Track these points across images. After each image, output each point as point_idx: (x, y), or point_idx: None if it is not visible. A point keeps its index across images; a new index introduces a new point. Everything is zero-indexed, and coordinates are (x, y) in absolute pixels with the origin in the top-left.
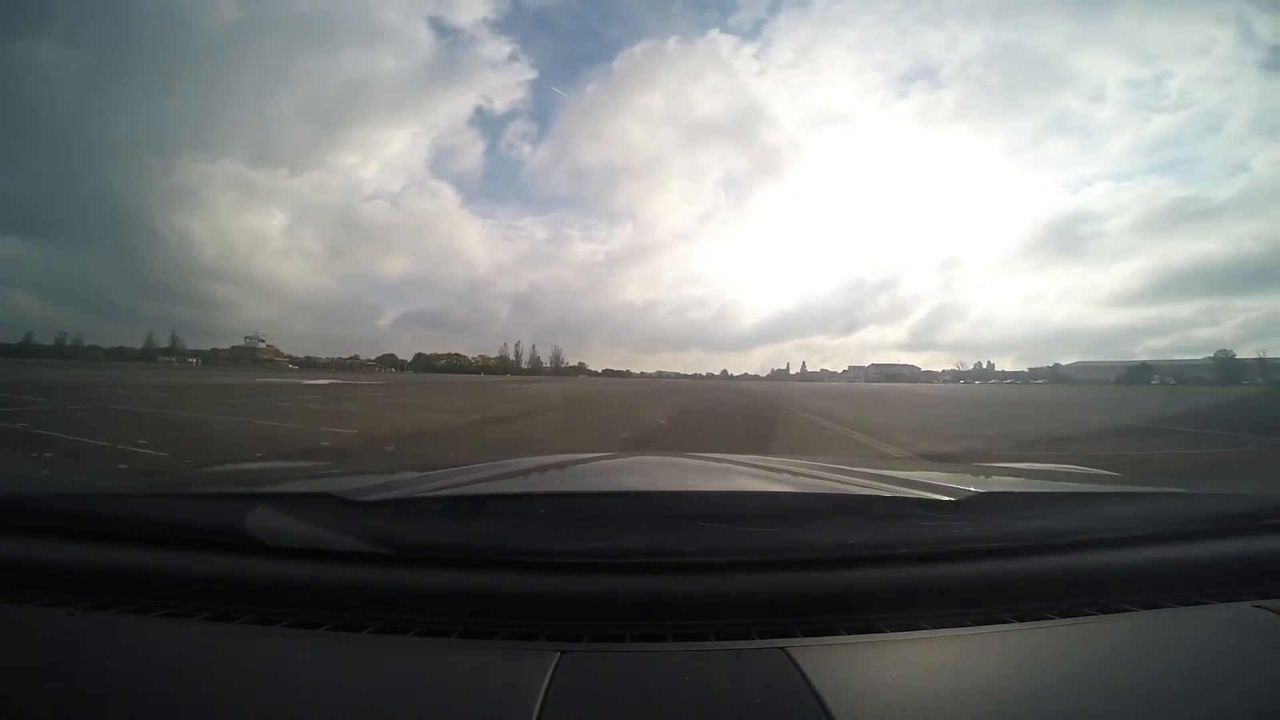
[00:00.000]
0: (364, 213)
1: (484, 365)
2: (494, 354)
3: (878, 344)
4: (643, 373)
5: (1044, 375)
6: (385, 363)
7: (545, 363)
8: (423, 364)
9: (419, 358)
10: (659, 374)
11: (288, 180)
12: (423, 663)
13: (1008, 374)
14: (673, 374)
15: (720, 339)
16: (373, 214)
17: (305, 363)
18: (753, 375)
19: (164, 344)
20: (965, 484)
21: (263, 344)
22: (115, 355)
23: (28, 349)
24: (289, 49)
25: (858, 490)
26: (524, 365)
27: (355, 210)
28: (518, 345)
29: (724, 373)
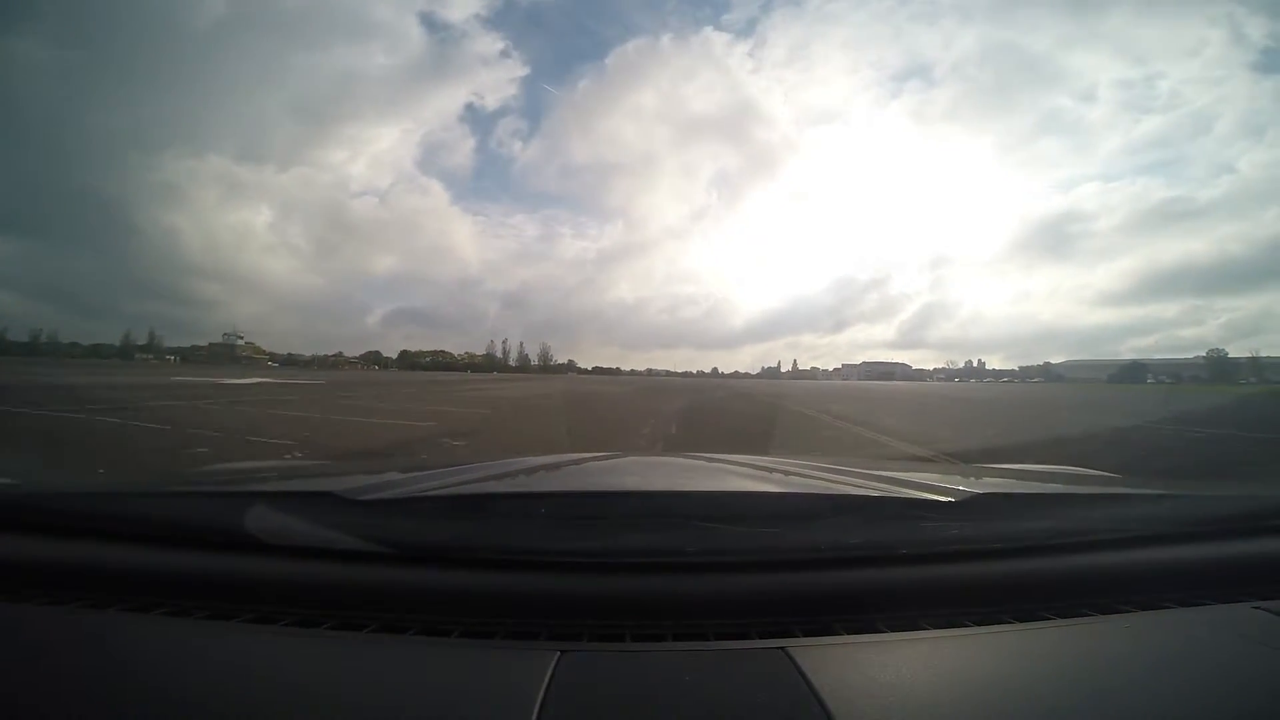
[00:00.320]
0: (352, 209)
1: (470, 363)
2: (482, 352)
3: (866, 342)
4: (633, 370)
5: (1036, 374)
6: (369, 360)
7: (534, 360)
8: (407, 361)
9: (404, 355)
10: (649, 372)
11: (275, 176)
12: (423, 662)
13: (1001, 372)
14: (663, 372)
15: (711, 336)
16: (361, 210)
17: (286, 360)
18: (743, 373)
19: (142, 341)
20: (965, 484)
21: (240, 341)
22: (92, 353)
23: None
24: (277, 43)
25: (858, 490)
26: (511, 363)
27: (343, 207)
28: (505, 343)
29: (714, 370)
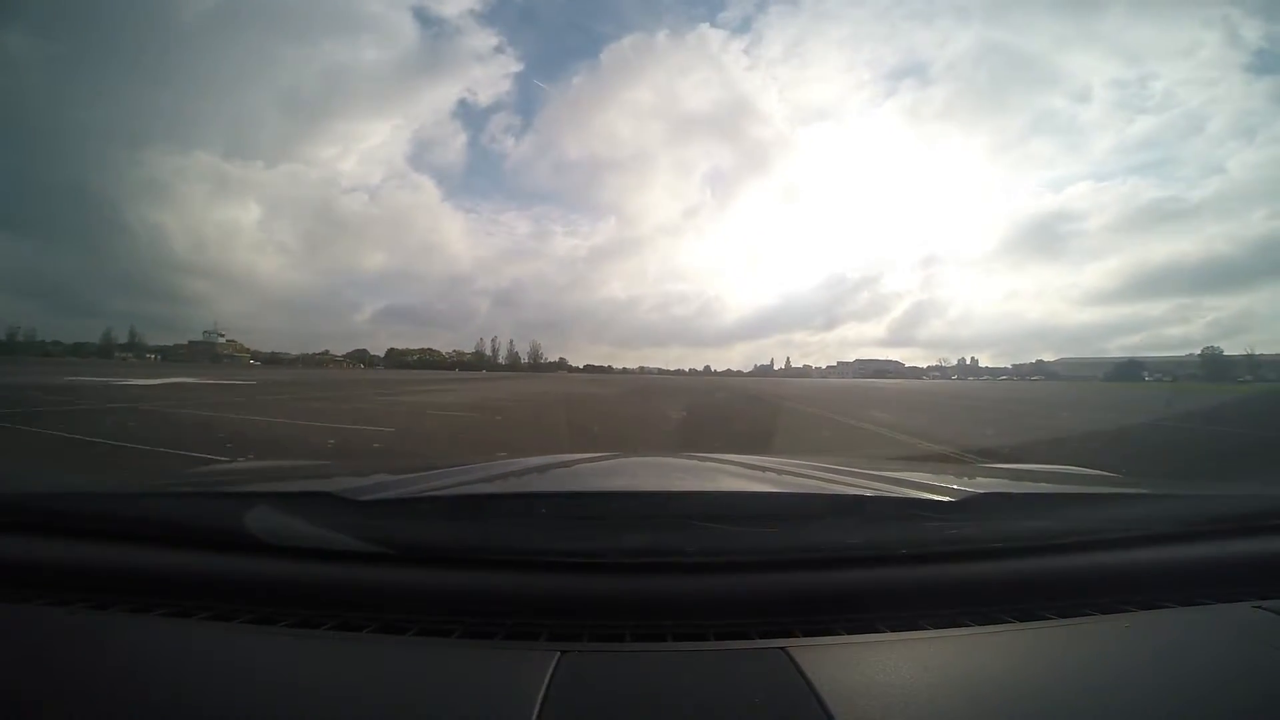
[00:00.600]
0: (342, 206)
1: (459, 361)
2: (472, 350)
3: (856, 340)
4: (625, 369)
5: (1028, 371)
6: (355, 358)
7: (525, 359)
8: (395, 359)
9: (391, 353)
10: (641, 369)
11: (263, 172)
12: (423, 662)
13: (998, 370)
14: (655, 369)
15: (703, 335)
16: (351, 207)
17: (270, 358)
18: (735, 371)
19: (124, 339)
20: (965, 484)
21: (222, 338)
22: (73, 351)
23: None
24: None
25: (857, 490)
26: (501, 361)
27: (333, 203)
28: (494, 341)
29: (707, 368)
